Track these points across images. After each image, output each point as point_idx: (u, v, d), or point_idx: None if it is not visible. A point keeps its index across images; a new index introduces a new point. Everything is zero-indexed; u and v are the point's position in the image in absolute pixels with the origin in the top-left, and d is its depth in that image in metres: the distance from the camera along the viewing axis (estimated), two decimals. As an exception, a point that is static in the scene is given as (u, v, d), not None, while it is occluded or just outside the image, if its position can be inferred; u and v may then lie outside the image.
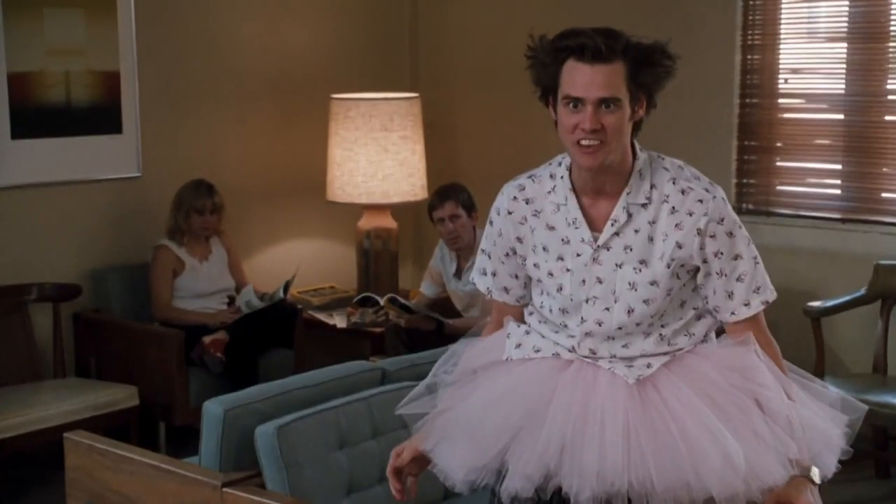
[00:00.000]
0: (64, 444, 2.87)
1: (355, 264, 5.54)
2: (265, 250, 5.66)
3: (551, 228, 2.30)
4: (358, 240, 5.49)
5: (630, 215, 2.24)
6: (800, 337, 4.72)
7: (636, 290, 2.25)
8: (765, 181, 5.13)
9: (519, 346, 2.37)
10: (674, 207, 2.23)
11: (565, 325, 2.31)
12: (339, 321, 5.35)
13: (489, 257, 2.43)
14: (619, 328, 2.26)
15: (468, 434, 2.29)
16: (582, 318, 2.27)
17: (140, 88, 5.09)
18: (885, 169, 4.85)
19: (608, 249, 2.25)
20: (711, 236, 2.23)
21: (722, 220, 2.24)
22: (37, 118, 4.81)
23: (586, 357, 2.28)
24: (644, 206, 2.24)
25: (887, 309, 4.61)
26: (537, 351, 2.34)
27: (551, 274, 2.30)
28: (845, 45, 4.86)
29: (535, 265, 2.33)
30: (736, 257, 2.26)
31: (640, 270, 2.24)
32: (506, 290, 2.43)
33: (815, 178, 5.09)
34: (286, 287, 5.03)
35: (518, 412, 2.25)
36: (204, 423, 2.97)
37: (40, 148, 4.82)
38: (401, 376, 3.30)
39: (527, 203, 2.33)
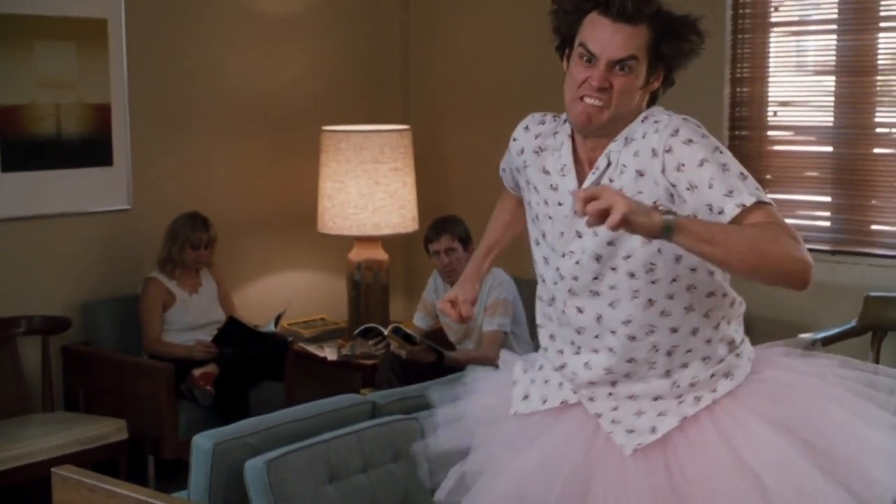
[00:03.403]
0: (51, 479, 2.84)
1: (346, 296, 5.54)
2: (256, 282, 5.65)
3: (546, 172, 2.25)
4: (349, 271, 5.49)
5: (610, 163, 2.14)
6: (791, 369, 4.72)
7: (597, 233, 2.11)
8: (755, 213, 5.14)
9: (526, 397, 2.29)
10: (633, 138, 2.12)
11: (544, 280, 2.25)
12: (330, 353, 5.34)
13: (506, 158, 2.46)
14: (595, 278, 2.13)
15: None
16: (560, 273, 2.19)
17: (131, 121, 5.09)
18: (874, 201, 4.86)
19: None
20: (667, 150, 2.06)
21: (676, 131, 2.07)
22: (27, 151, 4.80)
23: (574, 337, 2.17)
24: (622, 150, 2.13)
25: (878, 341, 4.61)
26: (545, 401, 2.25)
27: (537, 217, 2.25)
28: (833, 78, 4.89)
29: (528, 203, 2.30)
30: (701, 163, 2.04)
31: None
32: (515, 186, 2.45)
33: (805, 211, 5.10)
34: (276, 321, 5.02)
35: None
36: (193, 457, 2.96)
37: (31, 180, 4.81)
38: (391, 409, 3.29)
39: (535, 138, 2.30)
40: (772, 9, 5.01)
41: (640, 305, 2.12)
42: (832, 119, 4.91)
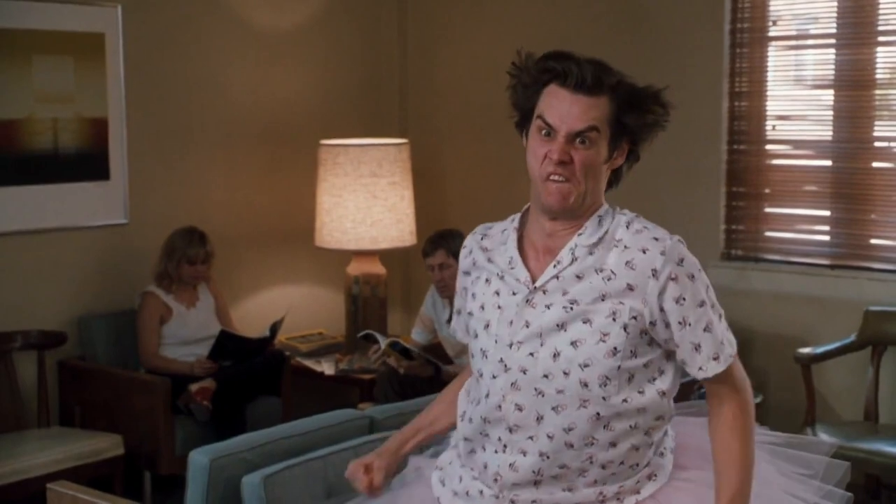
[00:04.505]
0: (47, 495, 2.82)
1: (344, 310, 5.52)
2: (253, 296, 5.63)
3: (494, 264, 2.17)
4: (347, 286, 5.47)
5: (575, 259, 2.06)
6: (790, 384, 4.70)
7: (565, 329, 2.03)
8: (753, 227, 5.14)
9: (456, 493, 2.21)
10: (626, 246, 2.04)
11: (482, 374, 2.12)
12: (328, 368, 5.32)
13: (459, 296, 2.32)
14: (546, 376, 2.04)
15: None
16: (505, 365, 2.07)
17: (128, 135, 5.08)
18: (872, 215, 4.85)
19: (544, 293, 2.07)
20: (673, 279, 2.01)
21: (682, 260, 2.03)
22: (24, 165, 4.79)
23: (512, 430, 2.07)
24: (595, 247, 2.06)
25: (877, 355, 4.60)
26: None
27: (483, 307, 2.15)
28: (832, 92, 4.89)
29: (473, 295, 2.19)
30: (701, 304, 2.04)
31: (570, 309, 2.04)
32: (467, 329, 2.28)
33: (804, 225, 5.10)
34: (274, 328, 5.01)
35: None
36: (190, 473, 2.94)
37: (27, 195, 4.80)
38: (389, 425, 3.27)
39: (481, 239, 2.23)
40: (770, 23, 5.01)
41: (587, 417, 2.04)
42: (831, 133, 4.91)
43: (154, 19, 5.17)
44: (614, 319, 2.02)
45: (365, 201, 5.30)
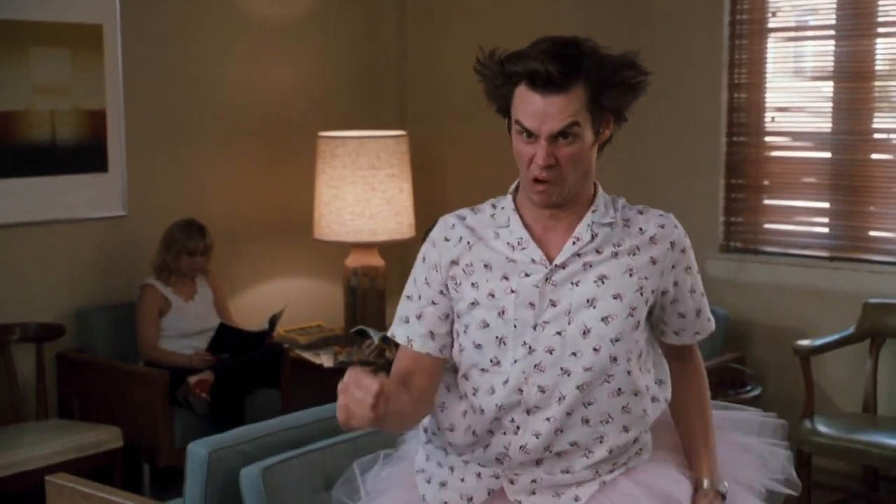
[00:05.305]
0: (46, 487, 2.83)
1: (342, 303, 5.52)
2: (252, 289, 5.63)
3: (495, 251, 2.07)
4: (345, 278, 5.47)
5: (595, 235, 2.05)
6: (789, 376, 4.70)
7: (595, 306, 2.01)
8: (752, 219, 5.13)
9: (444, 484, 2.14)
10: (642, 224, 2.08)
11: (498, 363, 2.04)
12: (326, 360, 5.32)
13: (418, 298, 2.13)
14: (574, 354, 2.01)
15: None
16: (530, 347, 2.02)
17: (126, 127, 5.07)
18: (872, 207, 4.85)
19: (564, 268, 2.03)
20: (682, 251, 2.11)
21: (685, 235, 2.14)
22: (22, 157, 4.78)
23: (529, 412, 2.03)
24: (610, 226, 2.07)
25: (876, 347, 4.60)
26: (470, 500, 2.10)
27: (492, 295, 2.04)
28: (831, 83, 4.89)
29: (472, 284, 2.06)
30: (699, 272, 2.18)
31: (601, 283, 2.03)
32: (431, 335, 2.11)
33: (803, 217, 5.09)
34: (272, 321, 5.01)
35: None
36: (188, 465, 2.94)
37: (25, 187, 4.79)
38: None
39: (465, 227, 2.11)
40: (769, 14, 5.00)
41: (607, 392, 2.04)
42: (830, 125, 4.90)
43: (152, 11, 5.16)
44: (641, 294, 2.06)
45: (363, 193, 5.30)
